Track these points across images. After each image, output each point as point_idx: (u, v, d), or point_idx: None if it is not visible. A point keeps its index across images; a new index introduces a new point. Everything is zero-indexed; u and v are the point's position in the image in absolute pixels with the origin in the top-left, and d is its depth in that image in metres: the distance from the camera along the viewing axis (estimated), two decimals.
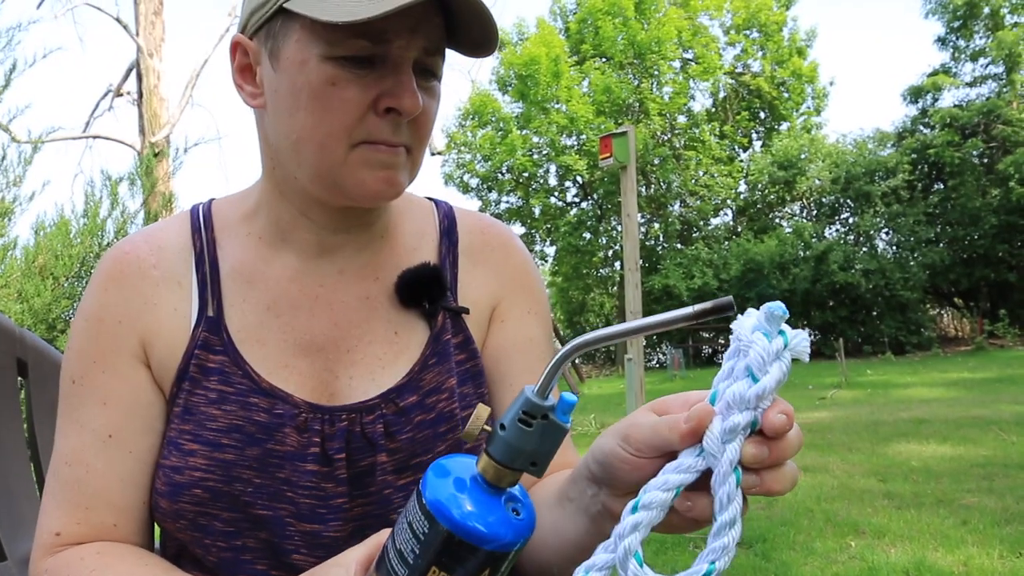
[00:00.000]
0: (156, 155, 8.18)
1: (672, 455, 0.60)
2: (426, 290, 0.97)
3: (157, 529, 0.98)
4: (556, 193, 27.82)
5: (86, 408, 0.91)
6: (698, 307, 0.56)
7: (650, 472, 0.61)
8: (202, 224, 0.98)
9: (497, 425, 0.60)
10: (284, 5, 0.84)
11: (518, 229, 27.62)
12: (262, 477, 0.89)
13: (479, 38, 0.86)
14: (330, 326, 0.95)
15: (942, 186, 23.52)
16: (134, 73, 12.45)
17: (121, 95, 12.99)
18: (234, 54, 0.92)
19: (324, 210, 0.92)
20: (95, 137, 13.11)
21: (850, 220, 24.31)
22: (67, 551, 0.88)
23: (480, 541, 0.59)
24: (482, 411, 0.62)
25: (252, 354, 0.92)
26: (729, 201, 26.89)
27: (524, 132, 26.08)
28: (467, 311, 1.00)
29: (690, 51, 26.72)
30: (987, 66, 24.38)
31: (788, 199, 25.69)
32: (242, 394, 0.90)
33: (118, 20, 12.50)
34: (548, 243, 27.88)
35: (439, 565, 0.60)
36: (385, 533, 0.70)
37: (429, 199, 1.09)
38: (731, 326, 0.59)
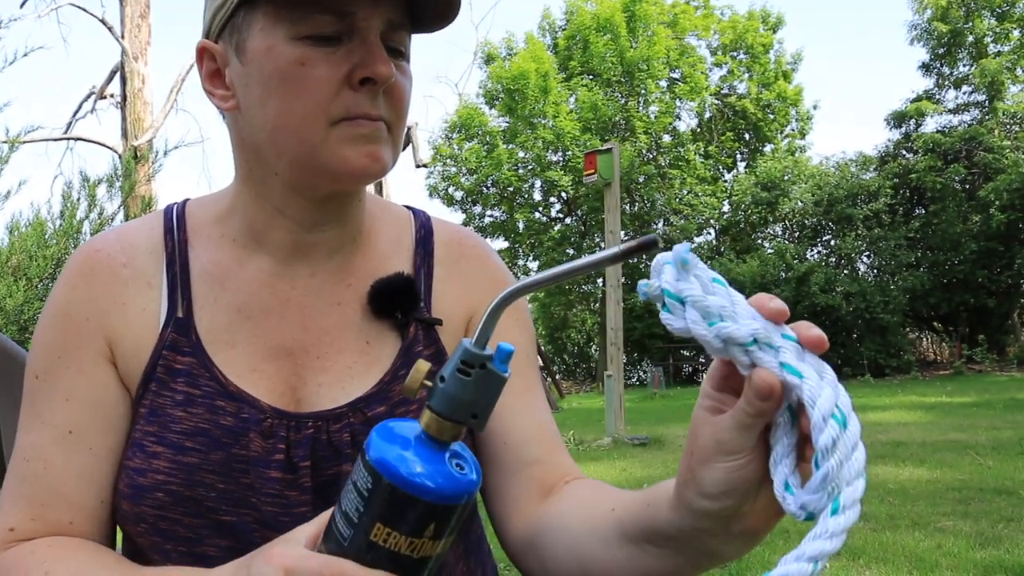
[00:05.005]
0: (136, 158, 8.11)
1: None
2: (398, 300, 0.95)
3: (120, 535, 0.96)
4: (540, 208, 27.87)
5: (48, 404, 0.90)
6: (624, 246, 0.54)
7: (728, 425, 0.60)
8: (175, 224, 0.96)
9: (437, 378, 0.61)
10: None
11: (502, 243, 27.65)
12: (226, 482, 0.87)
13: (443, 3, 0.85)
14: (300, 330, 0.93)
15: (923, 211, 23.71)
16: (118, 76, 12.37)
17: (104, 97, 12.90)
18: (201, 61, 0.91)
19: (302, 204, 0.90)
20: (76, 139, 13.01)
21: (832, 243, 24.45)
22: (19, 546, 0.86)
23: (422, 493, 0.59)
24: (422, 365, 0.62)
25: (220, 356, 0.91)
26: (712, 221, 27.02)
27: (510, 146, 26.13)
28: (440, 323, 0.98)
29: (677, 71, 26.89)
30: (970, 93, 24.65)
31: (771, 220, 25.81)
32: (209, 397, 0.89)
33: (103, 22, 12.42)
34: (531, 258, 27.89)
35: (383, 520, 0.60)
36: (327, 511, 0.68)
37: (407, 208, 1.07)
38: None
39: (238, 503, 0.87)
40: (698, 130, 28.03)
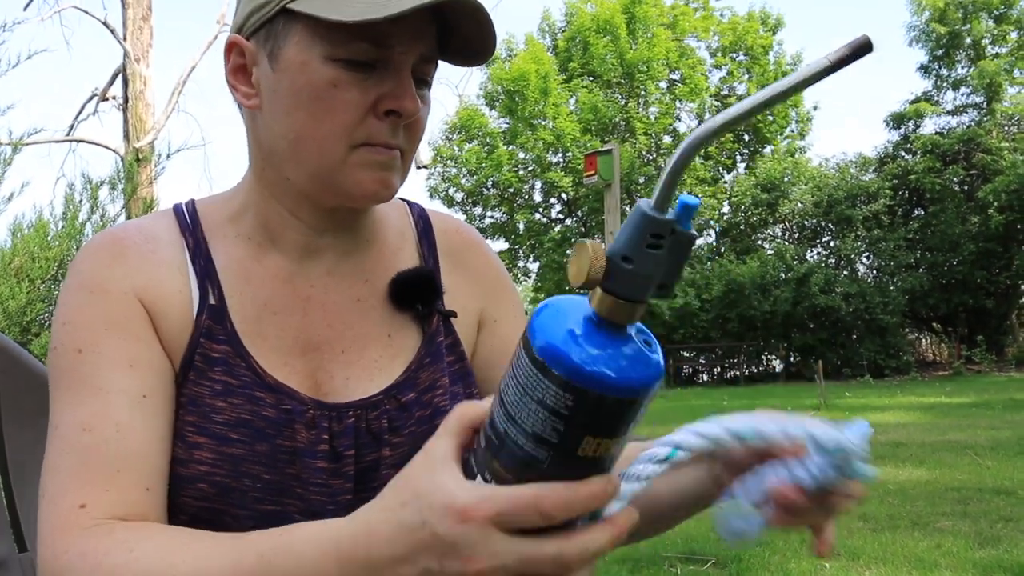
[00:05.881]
0: (138, 160, 8.12)
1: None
2: (420, 293, 0.98)
3: None
4: (541, 209, 27.87)
5: (108, 372, 0.85)
6: (834, 54, 0.50)
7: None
8: (190, 223, 0.97)
9: (617, 260, 0.54)
10: (288, 6, 0.84)
11: (502, 244, 27.66)
12: (271, 473, 0.88)
13: (478, 46, 0.88)
14: (325, 327, 0.95)
15: (922, 212, 23.75)
16: (120, 78, 12.37)
17: (107, 99, 12.89)
18: (229, 55, 0.92)
19: (314, 210, 0.93)
20: (79, 141, 12.99)
21: (831, 243, 24.48)
22: (98, 528, 0.77)
23: (641, 390, 0.55)
24: (595, 249, 0.55)
25: (254, 348, 0.91)
26: (712, 222, 27.02)
27: (510, 148, 26.14)
28: (455, 315, 1.01)
29: (677, 72, 26.90)
30: (968, 95, 24.70)
31: (771, 221, 25.83)
32: (247, 387, 0.89)
33: (105, 24, 12.42)
34: (531, 259, 27.89)
35: (592, 432, 0.55)
36: (455, 417, 0.65)
37: (400, 199, 1.10)
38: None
39: (282, 493, 0.88)
40: None
